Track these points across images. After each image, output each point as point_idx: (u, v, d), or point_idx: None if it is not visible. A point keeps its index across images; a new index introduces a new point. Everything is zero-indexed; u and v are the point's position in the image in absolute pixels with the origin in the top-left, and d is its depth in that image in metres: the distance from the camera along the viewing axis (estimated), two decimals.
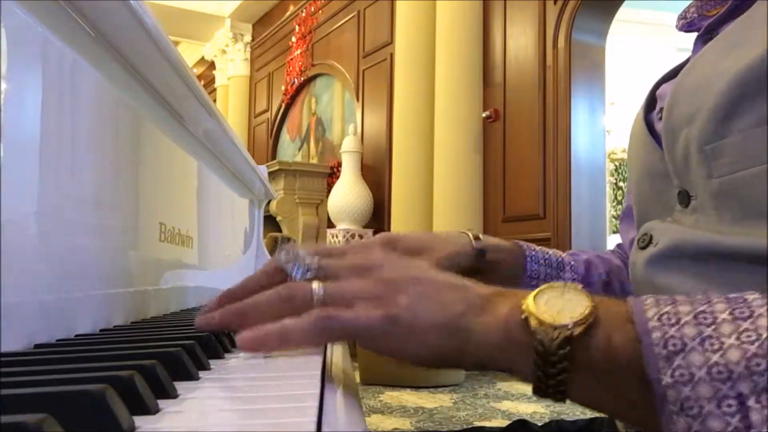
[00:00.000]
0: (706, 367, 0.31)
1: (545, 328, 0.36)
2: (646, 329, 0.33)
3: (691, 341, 0.32)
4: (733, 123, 0.47)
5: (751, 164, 0.46)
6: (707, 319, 0.33)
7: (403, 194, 4.28)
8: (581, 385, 0.36)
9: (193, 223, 0.85)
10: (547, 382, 0.36)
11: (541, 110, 3.68)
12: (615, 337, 0.35)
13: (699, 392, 0.31)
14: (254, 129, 7.41)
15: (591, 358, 0.35)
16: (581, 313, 0.36)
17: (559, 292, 0.37)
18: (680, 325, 0.33)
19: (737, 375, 0.30)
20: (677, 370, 0.32)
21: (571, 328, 0.35)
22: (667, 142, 0.55)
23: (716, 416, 0.30)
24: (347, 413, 0.31)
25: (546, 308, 0.37)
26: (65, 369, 0.32)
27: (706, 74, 0.51)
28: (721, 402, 0.30)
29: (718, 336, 0.32)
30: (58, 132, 0.46)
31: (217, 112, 0.85)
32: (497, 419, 2.66)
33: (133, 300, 0.62)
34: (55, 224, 0.46)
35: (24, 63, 0.42)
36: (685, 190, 0.54)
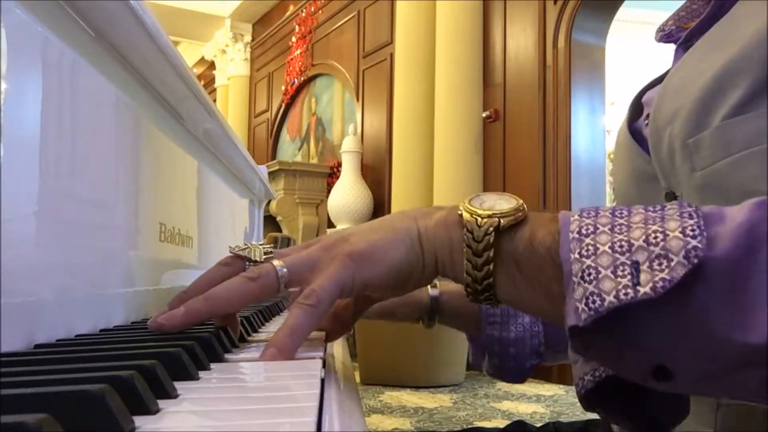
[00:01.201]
0: (610, 242, 0.34)
1: (475, 217, 0.40)
2: (566, 222, 0.37)
3: (603, 227, 0.35)
4: (711, 116, 0.48)
5: (729, 153, 0.47)
6: (623, 213, 0.36)
7: (403, 194, 4.28)
8: (506, 279, 0.39)
9: (193, 223, 0.85)
10: (476, 274, 0.39)
11: (541, 110, 3.68)
12: (539, 232, 0.38)
13: (599, 261, 0.34)
14: (254, 129, 7.41)
15: (514, 250, 0.39)
16: (510, 208, 0.40)
17: (495, 196, 0.42)
18: (597, 217, 0.36)
19: (636, 247, 0.33)
20: (584, 248, 0.34)
21: (499, 218, 0.39)
22: (653, 143, 0.56)
23: (610, 279, 0.33)
24: (347, 413, 0.31)
25: (479, 205, 0.41)
26: (65, 369, 0.32)
27: (687, 75, 0.53)
28: (616, 268, 0.33)
29: (627, 223, 0.35)
30: (58, 132, 0.46)
31: (217, 112, 0.85)
32: (497, 419, 2.66)
33: (133, 300, 0.62)
34: (55, 224, 0.46)
35: (24, 63, 0.42)
36: (671, 191, 0.55)
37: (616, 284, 0.32)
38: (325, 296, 0.42)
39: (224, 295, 0.44)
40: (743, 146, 0.46)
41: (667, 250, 0.32)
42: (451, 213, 0.42)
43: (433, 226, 0.42)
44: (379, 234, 0.43)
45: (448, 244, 0.42)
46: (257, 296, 0.45)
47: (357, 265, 0.42)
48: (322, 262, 0.44)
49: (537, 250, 0.38)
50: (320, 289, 0.42)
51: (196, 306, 0.45)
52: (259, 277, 0.44)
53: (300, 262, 0.44)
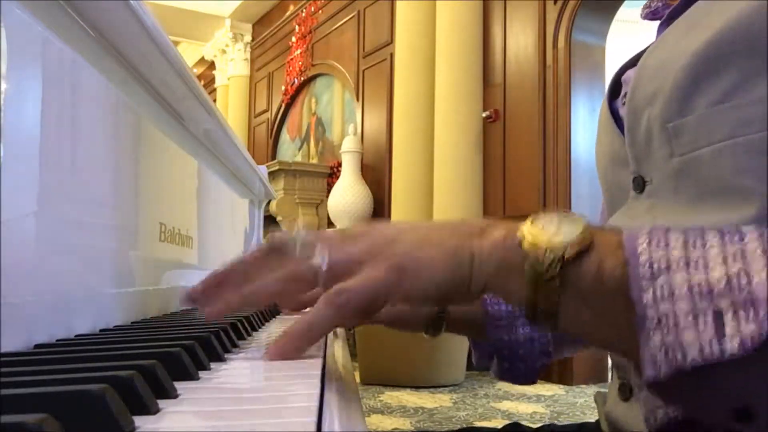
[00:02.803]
0: (687, 284, 0.31)
1: (538, 249, 0.36)
2: (635, 253, 0.33)
3: (676, 263, 0.32)
4: (694, 100, 0.47)
5: (712, 141, 0.45)
6: (696, 243, 0.32)
7: (403, 194, 4.28)
8: (571, 309, 0.36)
9: (193, 223, 0.85)
10: (538, 304, 0.36)
11: (541, 110, 3.68)
12: (606, 262, 0.35)
13: (677, 307, 0.31)
14: (254, 129, 7.41)
15: (581, 281, 0.35)
16: (575, 236, 0.36)
17: (556, 218, 0.38)
18: (668, 249, 0.33)
19: (717, 292, 0.30)
20: (659, 289, 0.31)
21: (564, 250, 0.35)
22: (630, 124, 0.54)
23: (691, 329, 0.30)
24: (347, 413, 0.31)
25: (541, 231, 0.37)
26: (65, 369, 0.32)
27: (667, 54, 0.51)
28: (697, 316, 0.30)
29: (704, 258, 0.31)
30: (58, 132, 0.46)
31: (217, 112, 0.85)
32: (497, 419, 2.66)
33: (133, 300, 0.62)
34: (55, 224, 0.46)
35: (24, 63, 0.42)
36: (640, 175, 0.53)
37: (699, 336, 0.29)
38: (355, 300, 0.40)
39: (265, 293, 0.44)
40: (727, 135, 0.44)
41: (754, 297, 0.29)
42: (510, 236, 0.38)
43: (488, 248, 0.39)
44: (428, 248, 0.40)
45: (505, 269, 0.38)
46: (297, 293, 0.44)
47: (399, 278, 0.39)
48: (364, 265, 0.41)
49: (606, 283, 0.34)
50: (354, 291, 0.40)
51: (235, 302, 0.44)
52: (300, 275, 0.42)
53: (341, 260, 0.42)
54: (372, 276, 0.40)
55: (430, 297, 0.40)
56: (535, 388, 3.32)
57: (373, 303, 0.41)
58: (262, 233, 1.43)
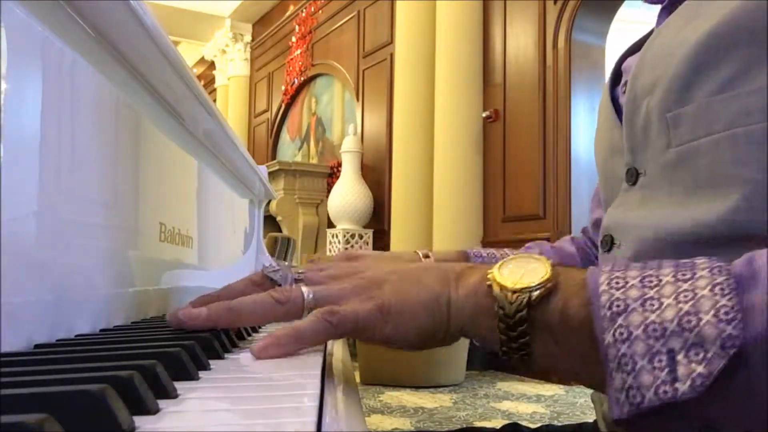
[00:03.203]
0: (643, 325, 0.32)
1: (505, 292, 0.38)
2: (596, 293, 0.35)
3: (633, 302, 0.33)
4: (694, 90, 0.47)
5: (711, 131, 0.45)
6: (652, 281, 0.34)
7: (403, 194, 4.28)
8: (541, 348, 0.38)
9: (193, 223, 0.85)
10: (510, 345, 0.38)
11: (541, 110, 3.68)
12: (571, 302, 0.37)
13: (634, 349, 0.32)
14: (254, 129, 7.41)
15: (548, 321, 0.37)
16: (540, 278, 0.38)
17: (523, 261, 0.40)
18: (626, 288, 0.34)
19: (670, 332, 0.31)
20: (618, 330, 0.33)
21: (529, 293, 0.37)
22: (629, 113, 0.54)
23: (647, 371, 0.31)
24: (347, 413, 0.31)
25: (508, 275, 0.39)
26: (65, 369, 0.32)
27: (668, 43, 0.51)
28: (653, 358, 0.31)
29: (659, 297, 0.33)
30: (58, 132, 0.46)
31: (217, 112, 0.85)
32: (497, 419, 2.66)
33: (133, 300, 0.62)
34: (56, 224, 0.46)
35: (24, 63, 0.42)
36: (634, 167, 0.54)
37: (655, 378, 0.31)
38: (345, 323, 0.41)
39: (248, 310, 0.44)
40: (727, 126, 0.44)
41: (702, 338, 0.30)
42: (481, 283, 0.41)
43: (463, 297, 0.41)
44: (412, 293, 0.42)
45: (479, 314, 0.41)
46: (279, 318, 0.45)
47: (384, 320, 0.41)
48: (351, 302, 0.43)
49: (571, 322, 0.36)
50: (345, 314, 0.41)
51: (219, 313, 0.45)
52: (287, 301, 0.44)
53: (329, 294, 0.44)
54: (363, 308, 0.41)
55: (410, 340, 0.42)
56: (535, 388, 3.32)
57: (359, 333, 0.42)
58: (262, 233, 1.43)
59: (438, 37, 4.10)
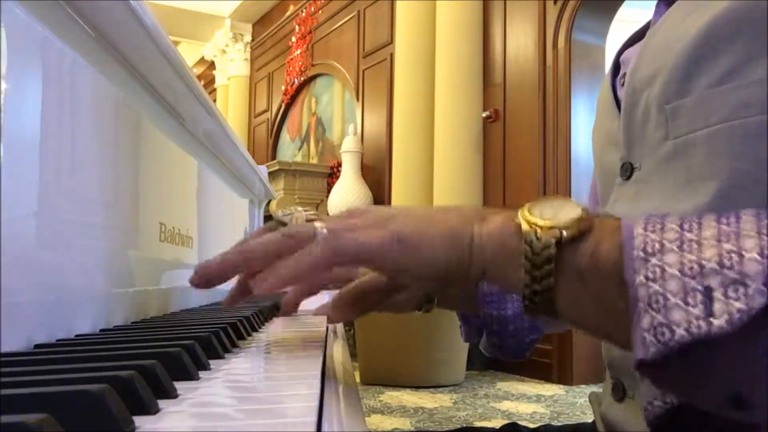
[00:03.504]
0: (680, 263, 0.31)
1: (535, 229, 0.36)
2: (630, 236, 0.33)
3: (670, 243, 0.32)
4: (693, 82, 0.46)
5: (709, 123, 0.45)
6: (692, 226, 0.32)
7: (403, 194, 4.28)
8: (566, 292, 0.36)
9: (193, 223, 0.85)
10: (534, 286, 0.36)
11: (541, 110, 3.68)
12: (602, 245, 0.35)
13: (667, 287, 0.30)
14: (254, 129, 7.41)
15: (577, 263, 0.35)
16: (572, 218, 0.36)
17: (556, 202, 0.38)
18: (663, 231, 0.33)
19: (708, 269, 0.30)
20: (650, 269, 0.31)
21: (561, 231, 0.36)
22: (627, 105, 0.53)
23: (680, 308, 0.30)
24: (347, 413, 0.31)
25: (538, 214, 0.37)
26: (65, 369, 0.32)
27: (668, 35, 0.50)
28: (687, 295, 0.30)
29: (698, 239, 0.31)
30: (58, 132, 0.46)
31: (217, 112, 0.85)
32: (497, 419, 2.66)
33: (133, 300, 0.62)
34: (56, 224, 0.46)
35: (24, 63, 0.42)
36: (629, 162, 0.53)
37: (687, 315, 0.29)
38: (353, 249, 0.39)
39: (260, 248, 0.42)
40: (724, 118, 0.44)
41: (744, 274, 0.29)
42: (508, 221, 0.39)
43: (487, 234, 0.39)
44: (429, 225, 0.40)
45: (503, 253, 0.38)
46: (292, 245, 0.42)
47: (400, 248, 0.39)
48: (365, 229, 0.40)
49: (601, 266, 0.34)
50: (351, 239, 0.39)
51: (230, 258, 0.43)
52: (297, 235, 0.41)
53: (342, 226, 0.41)
54: (374, 235, 0.39)
55: (428, 275, 0.40)
56: (535, 388, 3.32)
57: (368, 261, 0.40)
58: None
59: (438, 37, 4.10)
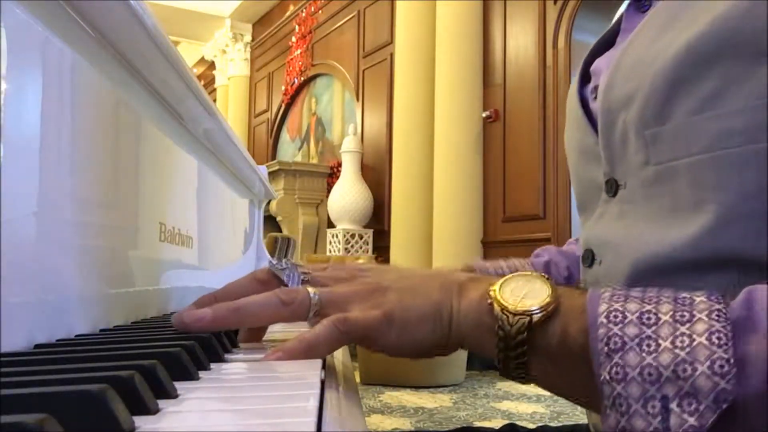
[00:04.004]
0: (639, 367, 0.32)
1: (507, 314, 0.38)
2: (595, 324, 0.35)
3: (631, 341, 0.33)
4: (673, 108, 0.45)
5: (691, 153, 0.44)
6: (650, 319, 0.34)
7: (403, 194, 4.28)
8: (540, 369, 0.38)
9: (193, 223, 0.85)
10: (508, 363, 0.39)
11: (541, 110, 3.68)
12: (570, 327, 0.37)
13: (629, 391, 0.32)
14: (254, 129, 7.41)
15: (548, 344, 0.37)
16: (542, 301, 0.38)
17: (525, 280, 0.40)
18: (624, 324, 0.34)
19: (665, 378, 0.31)
20: (614, 368, 0.33)
21: (531, 315, 0.38)
22: (604, 125, 0.52)
23: (641, 415, 0.32)
24: (347, 413, 0.31)
25: (510, 295, 0.39)
26: (65, 369, 0.32)
27: (643, 54, 0.48)
28: (647, 402, 0.32)
29: (656, 338, 0.33)
30: (58, 132, 0.46)
31: (217, 112, 0.85)
32: (497, 419, 2.66)
33: (133, 300, 0.62)
34: (55, 224, 0.46)
35: (24, 63, 0.42)
36: (613, 178, 0.52)
37: (647, 425, 0.31)
38: (357, 331, 0.41)
39: (254, 311, 0.44)
40: (707, 148, 0.43)
41: (696, 389, 0.31)
42: (483, 299, 0.41)
43: (465, 309, 0.41)
44: (416, 302, 0.42)
45: (479, 330, 0.41)
46: (284, 319, 0.45)
47: (389, 327, 0.42)
48: (357, 305, 0.43)
49: (571, 348, 0.37)
50: (355, 322, 0.41)
51: (223, 314, 0.44)
52: (293, 302, 0.43)
53: (335, 297, 0.44)
54: (371, 316, 0.42)
55: (410, 350, 0.43)
56: (535, 388, 3.31)
57: (364, 341, 0.42)
58: (262, 233, 1.43)
59: (438, 37, 4.10)
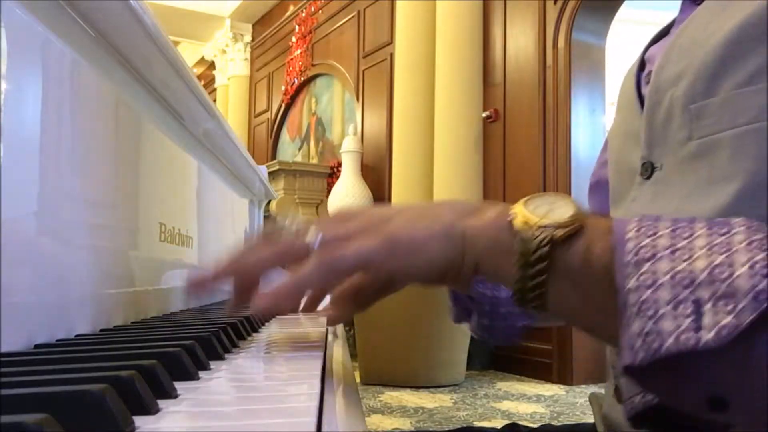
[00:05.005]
0: (671, 272, 0.31)
1: (528, 228, 0.37)
2: (622, 240, 0.34)
3: (663, 250, 0.32)
4: (720, 82, 0.46)
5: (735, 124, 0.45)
6: (685, 232, 0.33)
7: (403, 194, 4.27)
8: (557, 290, 0.36)
9: (193, 223, 0.85)
10: (525, 283, 0.36)
11: (541, 110, 3.68)
12: (594, 246, 0.35)
13: (658, 295, 0.31)
14: (254, 129, 7.41)
15: (569, 263, 0.36)
16: (565, 218, 0.36)
17: (550, 199, 0.38)
18: (656, 237, 0.33)
19: (699, 281, 0.30)
20: (642, 275, 0.32)
21: (554, 230, 0.36)
22: (651, 104, 0.53)
23: (670, 317, 0.30)
24: (347, 413, 0.31)
25: (533, 212, 0.37)
26: (65, 369, 0.32)
27: (696, 35, 0.50)
28: (677, 305, 0.30)
29: (690, 248, 0.32)
30: (58, 132, 0.46)
31: (217, 112, 0.85)
32: (497, 419, 2.66)
33: (133, 300, 0.62)
34: (55, 224, 0.46)
35: (24, 63, 0.42)
36: (650, 161, 0.53)
37: (677, 325, 0.30)
38: (346, 262, 0.39)
39: (255, 256, 0.43)
40: (752, 119, 0.44)
41: (735, 288, 0.29)
42: (501, 216, 0.39)
43: (480, 227, 0.39)
44: (422, 223, 0.40)
45: (496, 248, 0.38)
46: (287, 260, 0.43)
47: (392, 251, 0.39)
48: (358, 240, 0.40)
49: (593, 267, 0.35)
50: (346, 253, 0.39)
51: (225, 268, 0.43)
52: (291, 248, 0.42)
53: (335, 232, 0.42)
54: (366, 244, 0.39)
55: (421, 274, 0.40)
56: (535, 388, 3.32)
57: (363, 269, 0.40)
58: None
59: (438, 37, 4.10)
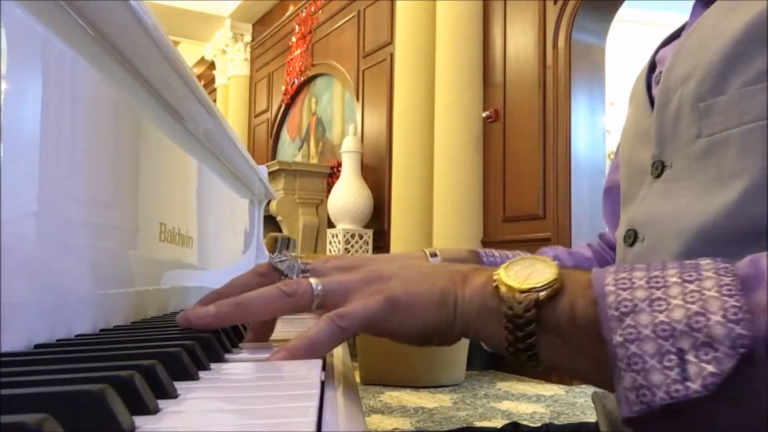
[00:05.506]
0: (652, 325, 0.33)
1: (513, 293, 0.38)
2: (603, 293, 0.35)
3: (641, 303, 0.34)
4: (729, 81, 0.47)
5: (744, 121, 0.46)
6: (659, 282, 0.34)
7: (403, 194, 4.28)
8: (548, 347, 0.38)
9: (193, 223, 0.85)
10: (517, 345, 0.38)
11: (541, 110, 3.68)
12: (578, 302, 0.37)
13: (644, 349, 0.33)
14: (254, 129, 7.41)
15: (556, 321, 0.38)
16: (546, 279, 0.38)
17: (528, 262, 0.40)
18: (633, 289, 0.35)
19: (679, 332, 0.32)
20: (626, 329, 0.33)
21: (537, 293, 0.38)
22: (661, 103, 0.54)
23: (658, 370, 0.32)
24: (347, 413, 0.31)
25: (514, 276, 0.39)
26: (65, 369, 0.32)
27: (705, 36, 0.51)
28: (662, 357, 0.32)
29: (666, 297, 0.33)
30: (57, 132, 0.46)
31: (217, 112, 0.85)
32: (497, 419, 2.66)
33: (133, 300, 0.62)
34: (55, 224, 0.46)
35: (24, 63, 0.42)
36: (660, 160, 0.54)
37: (665, 377, 0.32)
38: (355, 324, 0.41)
39: (256, 304, 0.44)
40: (758, 116, 0.45)
41: (711, 338, 0.31)
42: (488, 283, 0.41)
43: (470, 296, 0.41)
44: (420, 287, 0.42)
45: (485, 315, 0.41)
46: (288, 311, 0.45)
47: (392, 312, 0.41)
48: (359, 294, 0.43)
49: (579, 322, 0.37)
50: (354, 315, 0.41)
51: (226, 310, 0.44)
52: (295, 294, 0.43)
53: (337, 287, 0.44)
54: (370, 305, 0.41)
55: (415, 335, 0.42)
56: (535, 388, 3.32)
57: (368, 330, 0.42)
58: (262, 233, 1.43)
59: (438, 37, 4.10)
